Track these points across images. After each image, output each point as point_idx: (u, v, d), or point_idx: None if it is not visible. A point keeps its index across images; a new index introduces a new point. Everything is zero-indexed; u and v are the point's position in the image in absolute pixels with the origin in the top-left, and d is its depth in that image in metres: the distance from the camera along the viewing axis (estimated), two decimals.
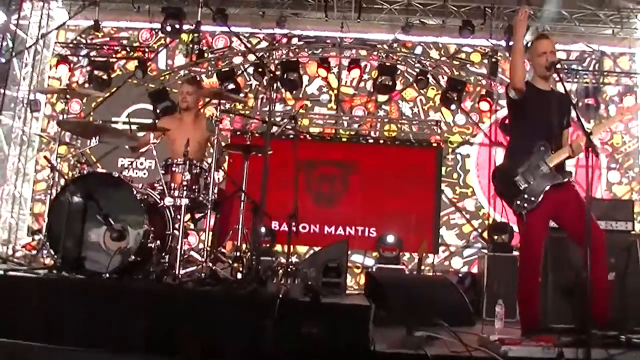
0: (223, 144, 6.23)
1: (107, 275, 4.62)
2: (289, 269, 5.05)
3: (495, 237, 8.23)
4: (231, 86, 9.82)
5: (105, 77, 10.13)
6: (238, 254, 5.37)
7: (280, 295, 4.09)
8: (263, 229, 7.20)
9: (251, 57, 10.57)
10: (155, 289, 4.55)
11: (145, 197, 5.11)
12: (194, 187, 5.22)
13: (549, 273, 5.72)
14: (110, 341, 3.98)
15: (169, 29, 9.78)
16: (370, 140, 10.58)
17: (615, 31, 10.26)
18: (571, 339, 4.18)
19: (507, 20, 9.92)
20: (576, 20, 10.12)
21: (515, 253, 7.82)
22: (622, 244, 5.85)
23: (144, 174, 10.11)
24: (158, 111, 9.78)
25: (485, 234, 9.68)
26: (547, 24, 10.03)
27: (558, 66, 4.78)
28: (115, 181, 5.03)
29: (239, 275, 5.13)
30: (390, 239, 8.96)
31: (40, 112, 10.57)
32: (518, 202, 4.72)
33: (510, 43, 9.60)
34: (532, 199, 4.69)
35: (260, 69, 10.03)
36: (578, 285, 5.58)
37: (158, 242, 4.96)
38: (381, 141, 10.57)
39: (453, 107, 10.28)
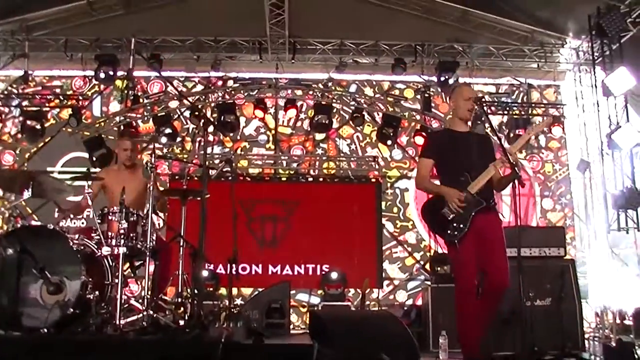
0: (162, 188, 6.18)
1: (46, 330, 4.51)
2: (232, 312, 5.02)
3: (438, 269, 8.33)
4: (168, 130, 9.79)
5: (38, 126, 9.95)
6: (179, 300, 5.32)
7: (223, 339, 4.06)
8: (206, 273, 7.14)
9: (187, 101, 10.58)
10: (95, 340, 4.46)
11: (82, 247, 5.04)
12: (131, 235, 5.16)
13: None
14: None
15: (102, 76, 9.72)
16: (310, 179, 10.69)
17: (540, 65, 10.72)
18: None
19: (438, 56, 10.24)
20: (503, 55, 10.52)
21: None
22: (556, 269, 6.05)
23: (82, 222, 9.90)
24: (94, 159, 9.64)
25: (427, 266, 9.79)
26: (475, 59, 10.41)
27: (487, 98, 5.04)
28: (50, 233, 4.95)
29: (182, 322, 5.07)
30: (335, 275, 9.00)
31: None
32: (449, 232, 4.83)
33: (442, 78, 9.92)
34: (461, 226, 4.80)
35: (196, 113, 10.01)
36: (515, 313, 5.74)
37: (97, 292, 4.88)
38: (321, 179, 10.69)
39: (389, 142, 10.43)
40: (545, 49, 10.61)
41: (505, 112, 10.68)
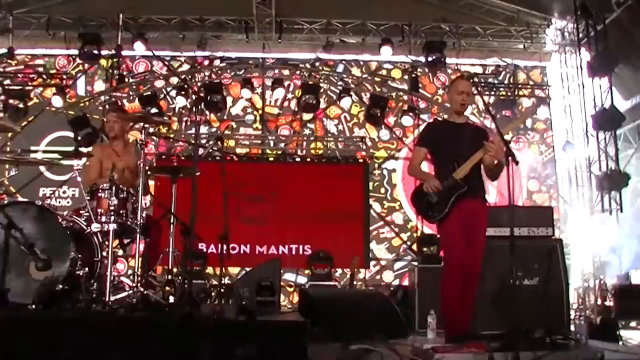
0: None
1: (34, 306, 4.46)
2: (222, 290, 5.00)
3: (424, 249, 8.39)
4: (154, 110, 9.69)
5: (21, 105, 9.82)
6: (169, 277, 5.29)
7: (215, 317, 4.05)
8: (194, 252, 7.08)
9: (174, 80, 10.50)
10: (84, 317, 4.43)
11: (71, 224, 4.98)
12: (121, 211, 5.11)
13: None
14: None
15: (86, 55, 9.60)
16: (298, 159, 10.65)
17: (526, 46, 10.75)
18: (500, 344, 4.31)
19: (425, 37, 10.21)
20: (489, 35, 10.52)
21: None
22: (544, 249, 6.08)
23: (68, 202, 9.87)
24: (79, 138, 9.56)
25: (414, 247, 9.83)
26: (462, 39, 10.40)
27: (475, 79, 5.10)
28: (38, 209, 4.88)
29: (171, 299, 5.05)
30: (322, 255, 9.01)
31: None
32: (430, 213, 5.10)
33: (429, 59, 9.90)
34: (442, 208, 5.00)
35: (183, 92, 9.95)
36: (503, 292, 5.79)
37: (86, 269, 4.83)
38: (308, 159, 10.65)
39: (377, 123, 10.41)
40: (531, 30, 10.66)
41: (492, 93, 10.68)
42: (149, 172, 5.97)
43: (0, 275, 4.55)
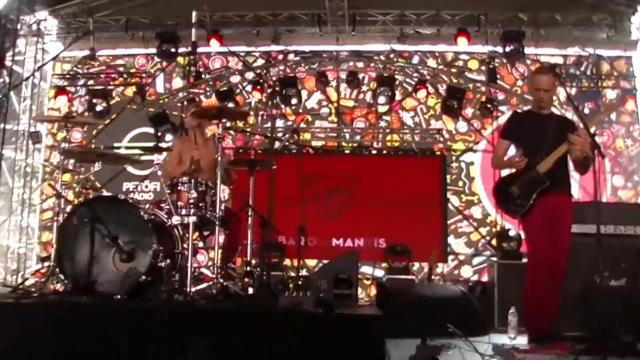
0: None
1: (119, 296, 4.59)
2: (300, 282, 5.00)
3: (504, 245, 8.20)
4: (230, 105, 9.80)
5: (104, 104, 10.13)
6: (248, 269, 5.34)
7: (293, 309, 4.06)
8: (272, 244, 7.12)
9: (249, 75, 10.60)
10: (167, 307, 4.52)
11: (153, 217, 5.09)
12: (200, 204, 5.20)
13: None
14: None
15: (164, 53, 9.80)
16: (374, 152, 10.57)
17: (609, 35, 10.26)
18: (586, 347, 4.14)
19: (502, 26, 9.93)
20: (570, 24, 10.13)
21: (525, 260, 7.78)
22: (632, 248, 5.79)
23: (150, 196, 10.11)
24: (159, 134, 9.80)
25: (493, 242, 9.62)
26: (541, 28, 10.07)
27: (557, 71, 4.95)
28: (122, 203, 5.04)
29: (250, 291, 5.10)
30: (399, 248, 8.93)
31: (41, 143, 10.62)
32: (511, 208, 4.99)
33: (507, 49, 9.63)
34: (523, 203, 4.88)
35: (258, 86, 10.04)
36: (588, 292, 5.56)
37: (168, 261, 4.93)
38: (384, 152, 10.56)
39: (454, 115, 10.23)
40: (615, 18, 10.13)
41: (574, 85, 10.30)
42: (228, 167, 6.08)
43: (87, 267, 4.71)
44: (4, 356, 3.90)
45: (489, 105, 10.02)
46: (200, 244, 6.15)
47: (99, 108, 10.04)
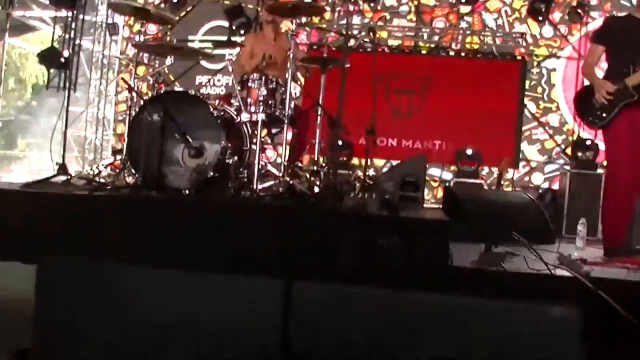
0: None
1: (187, 191, 4.70)
2: (367, 183, 5.00)
3: (579, 154, 8.01)
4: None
5: None
6: (315, 168, 5.36)
7: (358, 210, 4.08)
8: (340, 143, 7.10)
9: None
10: (233, 203, 4.61)
11: (222, 113, 5.13)
12: (270, 102, 5.19)
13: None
14: (192, 257, 4.08)
15: None
16: (451, 53, 10.22)
17: None
18: None
19: None
20: None
21: (600, 171, 7.59)
22: None
23: (222, 90, 10.16)
24: (234, 27, 9.72)
25: (568, 150, 9.35)
26: None
27: None
28: (192, 98, 5.06)
29: (316, 190, 5.13)
30: (470, 152, 8.81)
31: (118, 35, 10.72)
32: (590, 118, 4.81)
33: None
34: (604, 115, 4.69)
35: None
36: None
37: (235, 157, 5.00)
38: (462, 54, 10.20)
39: (540, 18, 9.70)
40: None
41: None
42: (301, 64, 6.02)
43: (157, 161, 4.82)
44: (74, 245, 4.08)
45: (579, 10, 9.46)
46: (269, 142, 6.19)
47: None
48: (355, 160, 8.71)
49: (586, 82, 5.10)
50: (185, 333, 2.87)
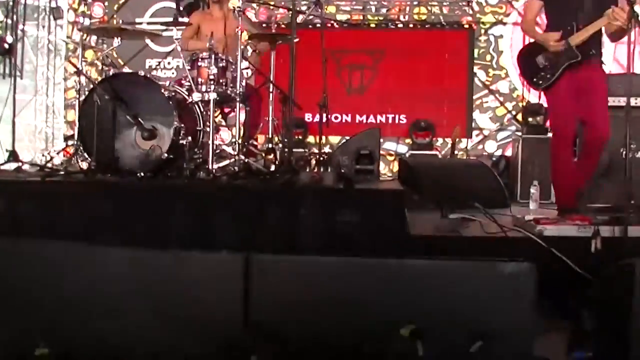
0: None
1: (142, 174, 4.67)
2: (322, 158, 5.04)
3: (530, 119, 8.14)
4: None
5: None
6: (270, 145, 5.38)
7: (314, 184, 4.12)
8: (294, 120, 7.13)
9: None
10: (189, 184, 4.61)
11: (174, 94, 5.09)
12: (221, 81, 5.17)
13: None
14: (149, 238, 4.07)
15: None
16: (400, 25, 10.25)
17: None
18: (607, 218, 4.18)
19: None
20: None
21: (550, 135, 7.75)
22: None
23: (172, 73, 10.04)
24: (181, 8, 9.60)
25: (519, 117, 9.51)
26: None
27: None
28: (142, 80, 5.01)
29: (272, 168, 5.15)
30: (423, 124, 8.90)
31: (63, 19, 10.47)
32: (534, 79, 4.79)
33: None
34: (548, 76, 4.70)
35: None
36: (614, 164, 5.54)
37: (189, 138, 4.97)
38: (411, 25, 10.23)
39: None
40: None
41: None
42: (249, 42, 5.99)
43: (110, 145, 4.78)
44: (31, 231, 4.04)
45: None
46: (223, 122, 6.17)
47: None
48: (310, 139, 8.72)
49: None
50: (141, 308, 2.87)
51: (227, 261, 2.85)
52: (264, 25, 9.72)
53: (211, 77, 5.08)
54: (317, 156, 5.16)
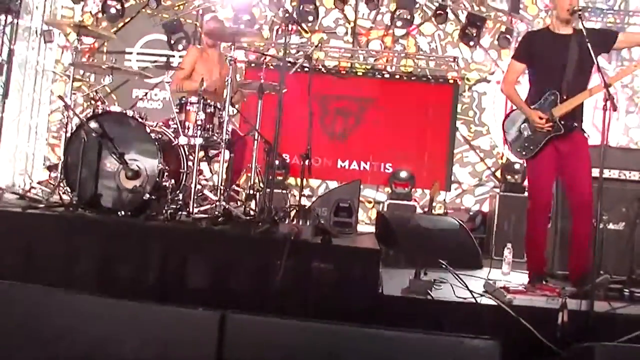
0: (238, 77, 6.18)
1: (123, 213, 4.70)
2: (301, 209, 5.10)
3: (508, 177, 8.28)
4: (246, 17, 9.65)
5: (118, 7, 9.95)
6: (251, 192, 5.43)
7: (292, 237, 4.17)
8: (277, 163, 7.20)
9: None
10: (168, 226, 4.64)
11: (160, 135, 5.15)
12: (208, 126, 5.24)
13: (557, 220, 5.75)
14: (125, 279, 4.11)
15: None
16: (386, 75, 10.42)
17: None
18: (575, 291, 4.29)
19: None
20: None
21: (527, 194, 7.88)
22: (634, 194, 5.81)
23: (159, 104, 10.07)
24: (172, 42, 9.71)
25: (498, 173, 9.67)
26: None
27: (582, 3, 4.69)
28: (130, 120, 5.07)
29: (252, 214, 5.20)
30: (403, 174, 8.99)
31: (53, 42, 10.51)
32: (518, 149, 4.90)
33: None
34: (532, 147, 4.80)
35: (276, 0, 9.85)
36: None
37: (172, 180, 5.02)
38: (397, 76, 10.41)
39: (472, 43, 10.02)
40: None
41: (599, 20, 10.01)
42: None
43: (93, 181, 4.82)
44: (9, 264, 4.05)
45: (507, 36, 9.82)
46: (206, 166, 6.23)
47: (112, 10, 9.89)
48: (291, 180, 8.79)
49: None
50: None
51: (203, 318, 2.88)
52: (252, 65, 9.87)
53: (199, 122, 5.15)
54: (297, 206, 5.21)
